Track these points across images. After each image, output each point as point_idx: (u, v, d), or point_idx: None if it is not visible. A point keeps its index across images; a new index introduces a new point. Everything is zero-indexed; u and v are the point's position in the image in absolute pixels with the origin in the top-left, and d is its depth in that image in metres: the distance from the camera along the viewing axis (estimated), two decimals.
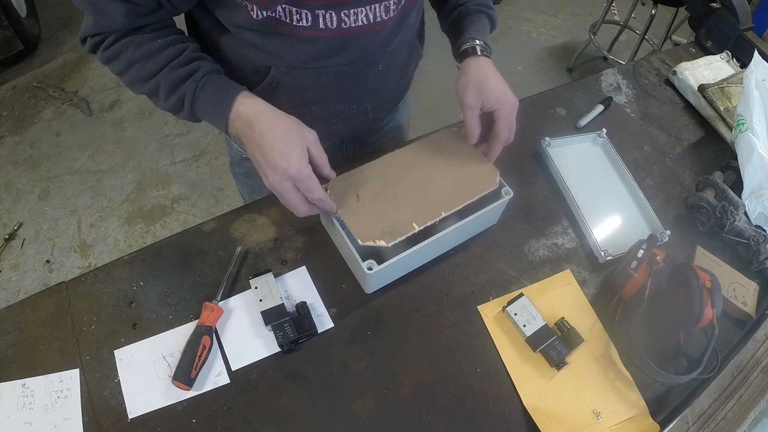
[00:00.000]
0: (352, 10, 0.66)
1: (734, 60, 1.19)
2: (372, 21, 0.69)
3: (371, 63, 0.79)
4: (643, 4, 3.23)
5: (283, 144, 0.64)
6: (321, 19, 0.66)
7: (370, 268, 0.70)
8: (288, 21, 0.65)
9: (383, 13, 0.69)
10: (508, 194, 0.80)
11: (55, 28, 2.82)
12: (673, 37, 2.91)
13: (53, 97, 2.52)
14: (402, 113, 1.07)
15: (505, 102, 0.76)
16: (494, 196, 0.80)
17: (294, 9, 0.63)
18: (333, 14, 0.65)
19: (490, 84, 0.75)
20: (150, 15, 0.65)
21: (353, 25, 0.68)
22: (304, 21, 0.65)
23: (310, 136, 0.67)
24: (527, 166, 0.98)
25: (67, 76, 2.61)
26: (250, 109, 0.67)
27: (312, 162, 0.67)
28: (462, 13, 0.84)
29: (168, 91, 0.68)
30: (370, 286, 0.78)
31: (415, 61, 0.91)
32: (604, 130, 1.01)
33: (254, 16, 0.64)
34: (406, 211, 0.74)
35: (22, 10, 2.53)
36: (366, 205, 0.74)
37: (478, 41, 0.79)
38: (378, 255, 0.73)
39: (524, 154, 1.00)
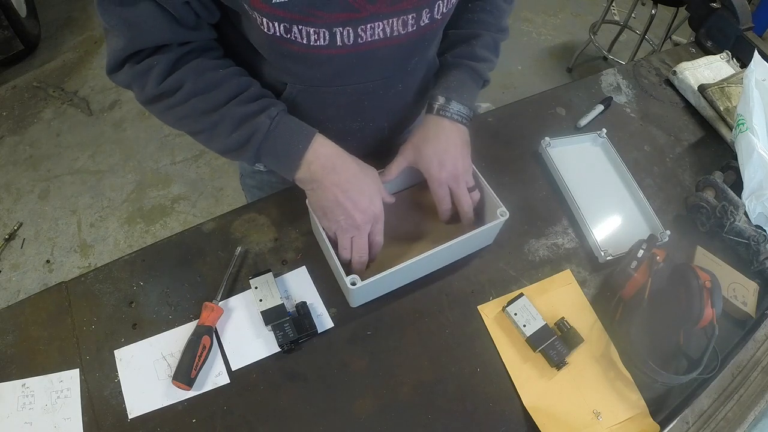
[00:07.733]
0: (369, 25, 0.64)
1: (734, 60, 1.19)
2: (389, 35, 0.67)
3: (390, 83, 0.77)
4: (643, 4, 3.23)
5: (369, 188, 0.70)
6: (338, 36, 0.64)
7: (353, 283, 0.69)
8: (305, 42, 0.62)
9: (400, 28, 0.67)
10: (504, 215, 0.77)
11: (55, 28, 2.82)
12: (673, 37, 2.91)
13: (53, 97, 2.52)
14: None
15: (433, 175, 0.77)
16: (490, 216, 0.79)
17: (312, 30, 0.61)
18: (350, 30, 0.64)
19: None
20: (193, 31, 0.63)
21: (369, 39, 0.66)
22: (322, 40, 0.63)
23: (377, 175, 0.74)
24: (527, 166, 0.98)
25: (67, 76, 2.61)
26: (332, 151, 0.69)
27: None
28: (449, 64, 0.82)
29: (233, 126, 0.65)
30: (355, 301, 0.77)
31: (435, 79, 0.88)
32: (604, 130, 1.01)
33: (265, 30, 0.61)
34: (388, 252, 0.79)
35: (22, 10, 2.53)
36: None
37: (446, 98, 0.79)
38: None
39: (524, 154, 1.00)
